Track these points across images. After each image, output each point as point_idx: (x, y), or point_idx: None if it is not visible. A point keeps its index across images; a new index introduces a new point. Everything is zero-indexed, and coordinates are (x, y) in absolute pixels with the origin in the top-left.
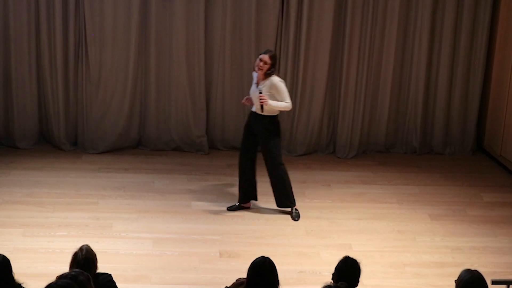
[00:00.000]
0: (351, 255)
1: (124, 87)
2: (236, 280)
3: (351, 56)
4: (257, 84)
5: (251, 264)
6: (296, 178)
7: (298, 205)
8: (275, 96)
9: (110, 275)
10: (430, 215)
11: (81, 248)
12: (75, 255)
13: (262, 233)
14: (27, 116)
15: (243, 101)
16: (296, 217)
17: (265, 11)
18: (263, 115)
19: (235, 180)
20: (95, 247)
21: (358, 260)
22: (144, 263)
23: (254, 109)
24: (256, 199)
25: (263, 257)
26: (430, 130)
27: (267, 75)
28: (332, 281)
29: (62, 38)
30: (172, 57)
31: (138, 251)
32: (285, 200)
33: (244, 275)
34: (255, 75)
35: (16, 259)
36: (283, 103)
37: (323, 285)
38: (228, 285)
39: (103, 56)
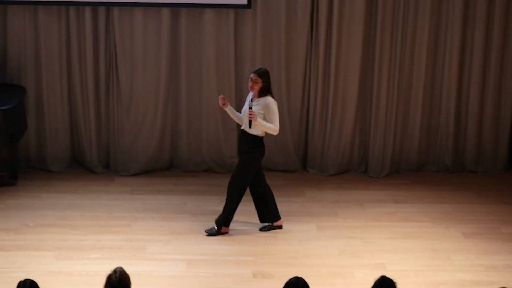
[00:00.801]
0: (385, 275)
1: (155, 109)
2: None
3: (381, 75)
4: (252, 101)
5: (285, 285)
6: (328, 198)
7: (330, 224)
8: (265, 117)
9: None
10: (463, 233)
11: (115, 271)
12: (109, 278)
13: (295, 253)
14: (59, 140)
15: (220, 103)
16: (209, 232)
17: (294, 32)
18: (249, 134)
19: None
20: (128, 269)
21: (394, 280)
22: (178, 285)
23: (242, 127)
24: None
25: (296, 277)
26: (462, 148)
27: (262, 93)
28: None
29: (92, 62)
30: (202, 79)
31: (171, 273)
32: (221, 221)
33: None
34: (250, 94)
35: (50, 282)
36: (271, 125)
37: None
38: None
39: (133, 79)
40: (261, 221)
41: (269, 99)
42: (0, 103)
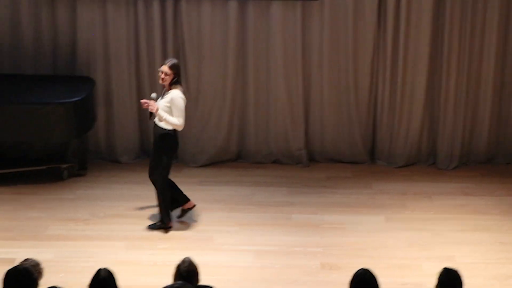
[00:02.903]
0: (454, 267)
1: (223, 100)
2: None
3: (450, 66)
4: (162, 95)
5: (353, 276)
6: (397, 190)
7: (399, 217)
8: (171, 110)
9: None
10: None
11: (183, 261)
12: (178, 268)
13: (363, 245)
14: (128, 131)
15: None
16: (152, 227)
17: (361, 24)
18: (160, 127)
19: (335, 192)
20: (197, 260)
21: (459, 271)
22: (246, 275)
23: (153, 119)
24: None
25: (364, 269)
26: None
27: (171, 86)
28: None
29: (161, 54)
30: (270, 70)
31: (239, 263)
32: (163, 219)
33: (345, 287)
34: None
35: (119, 272)
36: (174, 119)
37: None
38: None
39: (201, 70)
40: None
41: (175, 92)
42: (70, 95)
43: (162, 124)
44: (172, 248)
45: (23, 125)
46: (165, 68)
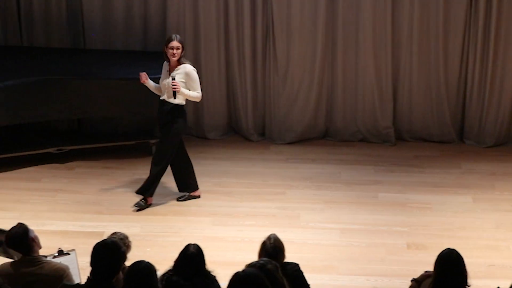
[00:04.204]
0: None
1: (311, 79)
2: (424, 272)
3: None
4: (170, 72)
5: (438, 256)
6: (485, 170)
7: (487, 197)
8: (187, 84)
9: (297, 265)
10: None
11: (269, 237)
12: (264, 244)
13: (450, 225)
14: (217, 108)
15: (143, 79)
16: (137, 206)
17: (453, 2)
18: (170, 103)
19: (423, 171)
20: (282, 237)
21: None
22: (331, 253)
23: (162, 98)
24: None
25: (450, 249)
26: None
27: (180, 61)
28: None
29: (250, 32)
30: (359, 48)
31: (325, 241)
32: (145, 190)
33: (431, 267)
34: (164, 64)
35: (205, 248)
36: (195, 93)
37: None
38: (415, 277)
39: (290, 49)
40: (180, 191)
41: (189, 66)
42: (159, 71)
43: (176, 100)
44: (258, 225)
45: (113, 100)
46: (175, 43)
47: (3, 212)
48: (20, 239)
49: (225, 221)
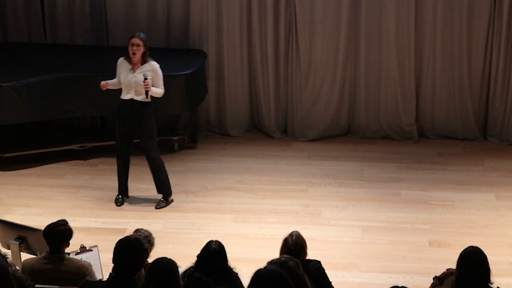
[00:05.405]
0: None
1: (334, 75)
2: (446, 270)
3: None
4: (133, 70)
5: (462, 254)
6: (508, 167)
7: (510, 195)
8: (153, 81)
9: (319, 262)
10: None
11: (291, 234)
12: (286, 241)
13: (472, 223)
14: (239, 105)
15: (103, 84)
16: (158, 206)
17: (476, 0)
18: (137, 102)
19: (445, 168)
20: (304, 234)
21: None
22: (353, 251)
23: (128, 97)
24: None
25: (473, 247)
26: None
27: (147, 58)
28: None
29: (273, 28)
30: (382, 46)
31: (347, 238)
32: (164, 188)
33: (454, 265)
34: (121, 61)
35: (227, 244)
36: (160, 90)
37: None
38: (437, 275)
39: (313, 45)
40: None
41: (155, 63)
42: (182, 68)
43: (142, 98)
44: (280, 222)
45: None
46: (136, 40)
47: (26, 209)
48: (62, 235)
49: (247, 218)
